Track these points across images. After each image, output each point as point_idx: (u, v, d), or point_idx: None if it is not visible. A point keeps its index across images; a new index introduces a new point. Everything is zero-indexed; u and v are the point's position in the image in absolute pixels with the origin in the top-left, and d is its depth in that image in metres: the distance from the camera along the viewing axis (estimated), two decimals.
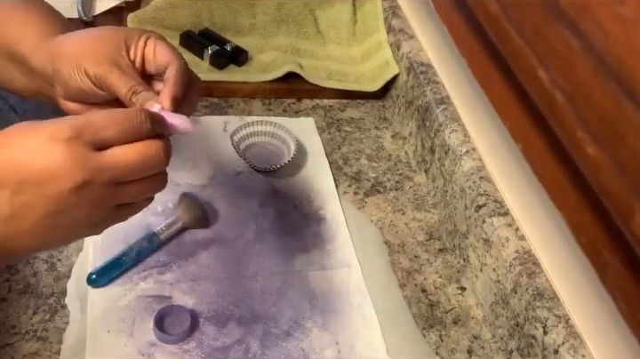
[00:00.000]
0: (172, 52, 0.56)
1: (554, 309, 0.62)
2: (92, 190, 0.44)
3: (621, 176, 0.47)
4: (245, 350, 0.64)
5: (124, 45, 0.56)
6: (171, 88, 0.54)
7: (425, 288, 0.74)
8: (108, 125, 0.45)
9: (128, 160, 0.45)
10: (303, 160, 0.86)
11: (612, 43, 0.48)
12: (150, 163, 0.47)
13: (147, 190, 0.48)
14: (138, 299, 0.66)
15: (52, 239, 0.46)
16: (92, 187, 0.44)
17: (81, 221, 0.46)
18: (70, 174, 0.43)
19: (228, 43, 0.96)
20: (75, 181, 0.43)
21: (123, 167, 0.45)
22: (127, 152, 0.45)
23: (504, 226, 0.69)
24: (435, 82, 0.87)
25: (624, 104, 0.47)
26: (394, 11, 1.01)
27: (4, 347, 0.60)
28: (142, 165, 0.46)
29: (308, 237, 0.76)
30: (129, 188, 0.47)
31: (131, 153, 0.46)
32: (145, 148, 0.46)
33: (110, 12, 0.98)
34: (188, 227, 0.73)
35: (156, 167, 0.47)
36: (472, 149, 0.78)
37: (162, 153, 0.47)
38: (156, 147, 0.47)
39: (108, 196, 0.45)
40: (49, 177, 0.43)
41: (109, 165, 0.45)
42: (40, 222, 0.44)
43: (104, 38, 0.57)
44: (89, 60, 0.56)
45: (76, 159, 0.43)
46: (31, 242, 0.45)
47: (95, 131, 0.45)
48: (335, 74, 0.97)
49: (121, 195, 0.47)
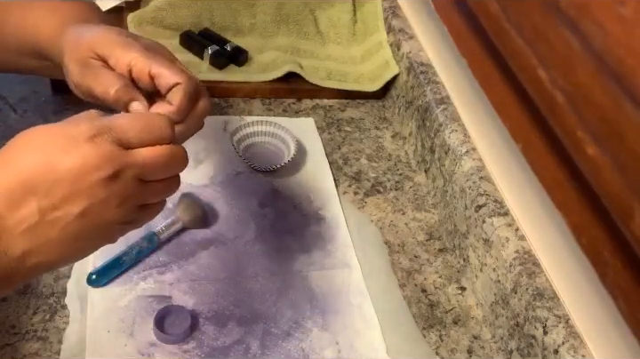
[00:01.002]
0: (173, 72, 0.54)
1: (554, 309, 0.62)
2: (121, 184, 0.45)
3: (621, 176, 0.47)
4: (245, 350, 0.64)
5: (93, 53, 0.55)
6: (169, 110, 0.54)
7: (425, 288, 0.74)
8: (132, 127, 0.46)
9: (157, 159, 0.47)
10: (303, 160, 0.86)
11: (612, 43, 0.48)
12: (175, 163, 0.48)
13: (166, 191, 0.49)
14: (138, 299, 0.66)
15: (76, 247, 0.46)
16: (120, 181, 0.45)
17: (107, 221, 0.46)
18: (100, 167, 0.43)
19: (228, 43, 0.96)
20: (106, 173, 0.44)
21: (151, 165, 0.46)
22: (156, 151, 0.47)
23: (504, 226, 0.69)
24: (435, 82, 0.87)
25: (624, 104, 0.47)
26: (394, 11, 1.01)
27: (4, 347, 0.60)
28: (168, 165, 0.48)
29: (308, 237, 0.76)
30: (153, 187, 0.48)
31: (160, 152, 0.47)
32: (172, 150, 0.48)
33: (110, 12, 0.97)
34: (187, 227, 0.73)
35: (180, 168, 0.49)
36: (472, 149, 0.78)
37: (182, 157, 0.49)
38: (180, 149, 0.49)
39: (134, 193, 0.46)
40: (79, 173, 0.43)
41: (138, 162, 0.46)
42: (68, 226, 0.44)
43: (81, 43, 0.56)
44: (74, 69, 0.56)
45: (104, 153, 0.44)
46: (54, 252, 0.45)
47: (118, 132, 0.45)
48: (335, 74, 0.97)
49: (145, 194, 0.47)
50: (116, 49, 0.55)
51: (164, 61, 0.55)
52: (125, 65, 0.54)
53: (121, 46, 0.55)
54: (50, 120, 0.81)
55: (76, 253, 0.47)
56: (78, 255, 0.48)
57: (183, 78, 0.54)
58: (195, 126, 0.57)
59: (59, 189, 0.43)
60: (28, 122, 0.81)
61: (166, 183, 0.49)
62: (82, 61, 0.56)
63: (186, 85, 0.54)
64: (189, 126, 0.56)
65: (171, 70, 0.54)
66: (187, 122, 0.55)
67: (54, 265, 0.47)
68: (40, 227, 0.43)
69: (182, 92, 0.54)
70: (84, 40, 0.56)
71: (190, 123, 0.56)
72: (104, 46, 0.55)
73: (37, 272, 0.46)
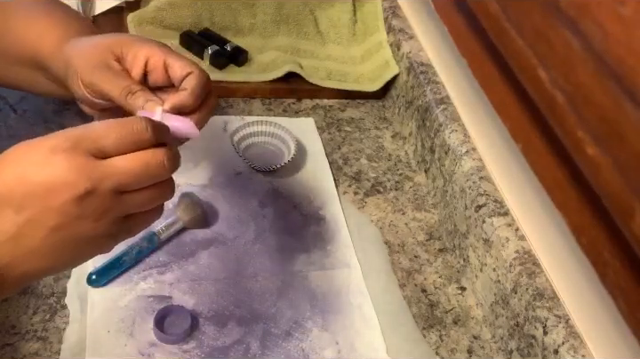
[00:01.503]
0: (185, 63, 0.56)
1: (554, 309, 0.62)
2: (96, 199, 0.43)
3: (621, 176, 0.47)
4: (245, 350, 0.64)
5: (111, 54, 0.56)
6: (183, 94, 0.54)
7: (425, 288, 0.74)
8: (108, 134, 0.44)
9: (131, 168, 0.45)
10: (303, 160, 0.86)
11: (612, 43, 0.48)
12: (153, 171, 0.46)
13: (152, 199, 0.47)
14: (138, 299, 0.66)
15: (61, 257, 0.45)
16: (94, 196, 0.43)
17: (88, 235, 0.45)
18: (72, 184, 0.42)
19: (228, 43, 0.96)
20: (77, 191, 0.42)
21: (125, 175, 0.44)
22: (129, 160, 0.45)
23: (504, 226, 0.69)
24: (435, 82, 0.87)
25: (624, 104, 0.47)
26: (394, 11, 1.01)
27: (4, 347, 0.60)
28: (145, 173, 0.45)
29: (308, 237, 0.76)
30: (133, 198, 0.46)
31: (133, 161, 0.45)
32: (147, 156, 0.45)
33: (110, 12, 0.97)
34: (188, 227, 0.73)
35: (160, 175, 0.46)
36: (472, 149, 0.78)
37: (165, 160, 0.46)
38: (159, 154, 0.46)
39: (112, 206, 0.44)
40: (51, 189, 0.42)
41: (112, 173, 0.44)
42: (46, 238, 0.43)
43: (97, 46, 0.57)
44: (83, 70, 0.56)
45: (76, 168, 0.42)
46: (40, 262, 0.44)
47: (94, 140, 0.44)
48: (335, 74, 0.97)
49: (126, 206, 0.46)
50: (133, 45, 0.56)
51: (177, 54, 0.57)
52: (143, 57, 0.56)
53: (138, 42, 0.57)
54: (50, 120, 0.82)
55: (63, 263, 0.46)
56: (68, 264, 0.47)
57: (195, 68, 0.56)
58: (204, 119, 0.56)
59: (31, 202, 0.42)
60: (27, 122, 0.81)
61: (152, 191, 0.47)
62: (97, 64, 0.56)
63: (199, 73, 0.55)
64: (203, 116, 0.55)
65: (183, 61, 0.56)
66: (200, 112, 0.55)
67: (45, 273, 0.46)
68: (20, 238, 0.43)
69: (196, 79, 0.55)
70: (101, 43, 0.57)
71: (204, 113, 0.55)
72: (122, 44, 0.56)
73: (27, 280, 0.46)
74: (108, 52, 0.56)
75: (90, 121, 0.48)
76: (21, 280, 0.45)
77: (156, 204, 0.48)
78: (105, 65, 0.56)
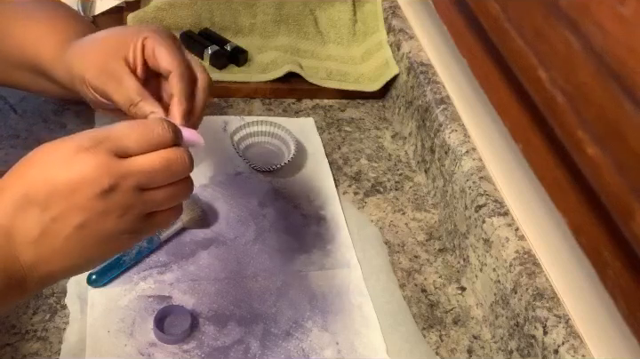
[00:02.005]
0: (171, 58, 0.56)
1: (554, 309, 0.62)
2: (119, 196, 0.44)
3: (621, 176, 0.47)
4: (245, 350, 0.64)
5: (121, 53, 0.57)
6: (177, 103, 0.55)
7: (425, 288, 0.74)
8: (130, 134, 0.45)
9: (154, 165, 0.46)
10: (303, 160, 0.86)
11: (612, 43, 0.48)
12: (175, 168, 0.47)
13: (173, 197, 0.48)
14: (138, 299, 0.66)
15: (84, 256, 0.46)
16: (118, 193, 0.44)
17: (111, 232, 0.45)
18: (95, 181, 0.43)
19: (228, 43, 0.96)
20: (101, 187, 0.43)
21: (148, 172, 0.45)
22: (153, 158, 0.46)
23: (504, 226, 0.69)
24: (435, 82, 0.87)
25: (624, 104, 0.47)
26: (394, 11, 1.01)
27: (4, 347, 0.60)
28: (168, 170, 0.46)
29: (308, 237, 0.76)
30: (155, 195, 0.47)
31: (156, 159, 0.46)
32: (170, 154, 0.46)
33: (110, 12, 0.97)
34: (187, 227, 0.73)
35: (182, 172, 0.47)
36: (472, 149, 0.78)
37: (187, 158, 0.47)
38: (180, 152, 0.47)
39: (135, 203, 0.45)
40: (75, 187, 0.43)
41: (135, 171, 0.45)
42: (71, 237, 0.44)
43: (104, 47, 0.58)
44: (90, 74, 0.57)
45: (100, 165, 0.43)
46: (64, 261, 0.45)
47: (116, 140, 0.45)
48: (335, 74, 0.97)
49: (148, 203, 0.46)
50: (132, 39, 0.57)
51: (165, 42, 0.56)
52: (140, 46, 0.56)
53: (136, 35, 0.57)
54: (50, 120, 0.82)
55: (87, 262, 0.47)
56: (90, 263, 0.48)
57: (177, 66, 0.56)
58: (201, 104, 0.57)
59: (56, 202, 0.43)
60: (28, 122, 0.81)
61: (173, 188, 0.48)
62: (100, 65, 0.57)
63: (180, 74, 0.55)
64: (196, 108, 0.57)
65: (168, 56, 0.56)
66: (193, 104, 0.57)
67: (67, 272, 0.47)
68: (44, 238, 0.44)
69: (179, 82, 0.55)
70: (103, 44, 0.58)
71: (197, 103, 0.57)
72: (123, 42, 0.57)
73: (51, 280, 0.47)
74: (111, 54, 0.57)
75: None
76: (44, 280, 0.46)
77: (176, 202, 0.49)
78: (109, 70, 0.56)
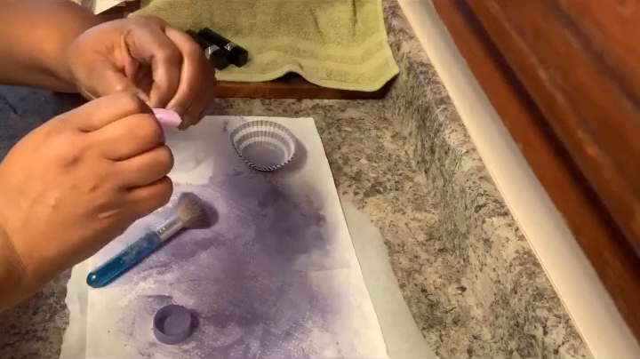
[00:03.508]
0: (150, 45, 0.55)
1: (554, 309, 0.62)
2: (84, 167, 0.44)
3: (621, 176, 0.47)
4: (245, 350, 0.64)
5: (104, 52, 0.57)
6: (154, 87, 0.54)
7: (425, 288, 0.74)
8: (96, 110, 0.46)
9: (115, 131, 0.45)
10: (303, 160, 0.86)
11: (612, 43, 0.48)
12: (139, 132, 0.45)
13: (149, 167, 0.46)
14: (138, 299, 0.66)
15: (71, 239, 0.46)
16: (83, 164, 0.44)
17: (88, 208, 0.45)
18: (60, 156, 0.44)
19: (228, 43, 0.96)
20: (66, 159, 0.44)
21: (110, 140, 0.45)
22: (113, 125, 0.45)
23: (504, 226, 0.69)
24: (435, 82, 0.87)
25: (624, 104, 0.47)
26: (394, 11, 1.01)
27: (4, 347, 0.60)
28: (132, 136, 0.45)
29: (308, 237, 0.76)
30: (127, 164, 0.46)
31: (117, 125, 0.45)
32: (132, 120, 0.45)
33: (110, 12, 0.97)
34: (187, 227, 0.73)
35: (147, 136, 0.46)
36: (472, 149, 0.78)
37: (151, 123, 0.46)
38: (143, 118, 0.46)
39: (105, 174, 0.45)
40: (46, 167, 0.44)
41: (97, 140, 0.45)
42: (52, 217, 0.44)
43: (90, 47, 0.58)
44: (82, 75, 0.58)
45: (65, 141, 0.44)
46: (53, 245, 0.45)
47: (83, 117, 0.45)
48: (335, 74, 0.97)
49: (121, 173, 0.45)
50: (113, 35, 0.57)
51: (144, 32, 0.55)
52: (124, 44, 0.56)
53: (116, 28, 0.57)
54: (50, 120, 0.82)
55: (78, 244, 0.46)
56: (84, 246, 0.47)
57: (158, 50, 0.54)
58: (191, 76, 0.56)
59: (32, 185, 0.44)
60: (27, 122, 0.81)
61: (146, 157, 0.46)
62: (88, 65, 0.57)
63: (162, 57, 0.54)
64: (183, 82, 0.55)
65: (149, 40, 0.55)
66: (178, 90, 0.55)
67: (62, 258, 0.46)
68: (29, 223, 0.44)
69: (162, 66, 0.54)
70: (88, 44, 0.58)
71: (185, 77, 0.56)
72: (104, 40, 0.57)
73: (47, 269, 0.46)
74: (94, 54, 0.57)
75: None
76: (42, 269, 0.46)
77: (155, 172, 0.47)
78: (95, 69, 0.56)
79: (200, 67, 0.57)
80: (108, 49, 0.57)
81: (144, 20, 0.57)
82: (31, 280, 0.46)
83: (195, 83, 0.56)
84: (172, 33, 0.57)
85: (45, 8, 0.67)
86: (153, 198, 0.48)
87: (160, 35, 0.56)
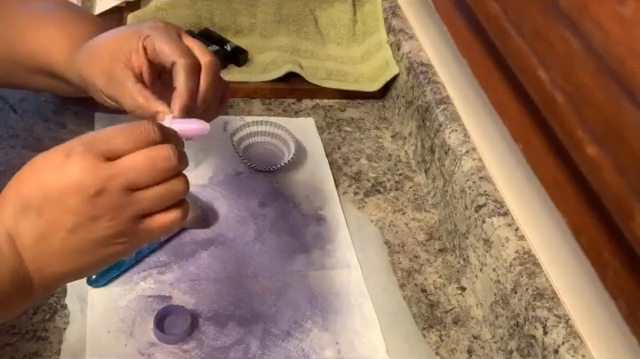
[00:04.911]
0: (171, 51, 0.56)
1: (554, 309, 0.62)
2: (107, 199, 0.44)
3: (621, 176, 0.47)
4: (245, 350, 0.64)
5: (123, 58, 0.57)
6: (177, 96, 0.55)
7: (425, 288, 0.74)
8: (117, 137, 0.46)
9: (137, 163, 0.45)
10: (303, 160, 0.86)
11: (612, 43, 0.48)
12: (160, 164, 0.46)
13: (164, 195, 0.47)
14: (138, 299, 0.66)
15: (82, 259, 0.46)
16: (105, 196, 0.44)
17: (104, 235, 0.45)
18: (84, 185, 0.44)
19: (228, 43, 0.96)
20: (88, 192, 0.44)
21: (133, 171, 0.45)
22: (136, 156, 0.46)
23: (504, 226, 0.69)
24: (435, 82, 0.87)
25: (624, 104, 0.47)
26: (394, 11, 1.01)
27: (4, 347, 0.60)
28: (152, 168, 0.46)
29: (308, 237, 0.76)
30: (145, 194, 0.46)
31: (139, 156, 0.46)
32: (153, 151, 0.46)
33: (110, 12, 0.97)
34: (187, 227, 0.73)
35: (167, 168, 0.46)
36: (472, 149, 0.78)
37: (171, 154, 0.46)
38: (164, 149, 0.46)
39: (124, 204, 0.45)
40: (65, 191, 0.44)
41: (120, 171, 0.45)
42: (65, 240, 0.44)
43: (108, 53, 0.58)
44: (101, 83, 0.58)
45: (88, 169, 0.44)
46: (62, 264, 0.46)
47: (105, 143, 0.45)
48: (335, 74, 0.97)
49: (138, 203, 0.46)
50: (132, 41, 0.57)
51: (164, 38, 0.56)
52: (142, 48, 0.57)
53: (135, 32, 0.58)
54: (50, 120, 0.82)
55: (88, 265, 0.47)
56: (93, 266, 0.48)
57: (180, 56, 0.55)
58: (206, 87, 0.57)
59: (49, 206, 0.44)
60: (27, 122, 0.81)
61: (163, 186, 0.47)
62: (106, 73, 0.57)
63: (184, 63, 0.55)
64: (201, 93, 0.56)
65: (170, 46, 0.56)
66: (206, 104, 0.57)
67: (69, 276, 0.47)
68: (41, 241, 0.45)
69: (182, 72, 0.55)
70: (102, 50, 0.58)
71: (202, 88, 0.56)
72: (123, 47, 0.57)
73: (54, 283, 0.48)
74: (113, 61, 0.57)
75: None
76: (49, 283, 0.47)
77: (170, 200, 0.47)
78: (114, 77, 0.57)
79: (216, 80, 0.58)
80: (126, 55, 0.57)
81: (162, 25, 0.58)
82: (37, 292, 0.46)
83: (208, 95, 0.57)
84: (188, 40, 0.58)
85: (51, 10, 0.67)
86: (166, 225, 0.48)
87: (180, 43, 0.57)
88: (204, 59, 0.57)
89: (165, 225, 0.48)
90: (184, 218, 0.49)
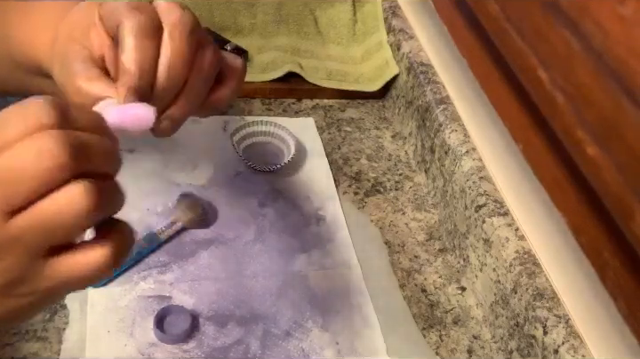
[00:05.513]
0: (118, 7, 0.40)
1: (554, 309, 0.62)
2: None
3: (621, 176, 0.47)
4: (245, 350, 0.64)
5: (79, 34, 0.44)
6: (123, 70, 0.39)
7: (425, 288, 0.74)
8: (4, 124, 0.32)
9: (9, 164, 0.31)
10: (303, 160, 0.86)
11: (612, 43, 0.48)
12: (45, 163, 0.31)
13: (52, 221, 0.31)
14: (138, 298, 0.66)
15: None
16: None
17: (7, 276, 0.33)
18: None
19: (228, 43, 0.96)
20: None
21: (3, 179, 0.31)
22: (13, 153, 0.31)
23: (504, 226, 0.69)
24: (435, 82, 0.87)
25: (624, 104, 0.47)
26: (394, 11, 1.01)
27: (4, 347, 0.60)
28: (32, 168, 0.31)
29: (308, 237, 0.76)
30: (24, 221, 0.32)
31: (14, 152, 0.31)
32: (34, 142, 0.31)
33: None
34: (187, 227, 0.73)
35: (51, 172, 0.31)
36: (472, 149, 0.78)
37: (59, 146, 0.31)
38: (49, 138, 0.31)
39: (2, 236, 0.32)
40: None
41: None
42: None
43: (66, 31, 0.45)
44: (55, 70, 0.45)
45: None
46: None
47: None
48: (335, 74, 0.97)
49: (20, 237, 0.32)
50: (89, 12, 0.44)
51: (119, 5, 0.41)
52: (99, 21, 0.43)
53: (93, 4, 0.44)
54: None
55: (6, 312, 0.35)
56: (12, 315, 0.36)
57: (123, 14, 0.40)
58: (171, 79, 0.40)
59: None
60: None
61: (50, 206, 0.31)
62: (60, 57, 0.44)
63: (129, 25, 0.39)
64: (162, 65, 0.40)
65: (122, 4, 0.40)
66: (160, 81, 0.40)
67: None
68: None
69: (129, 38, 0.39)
70: (61, 31, 0.45)
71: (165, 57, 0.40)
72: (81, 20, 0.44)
73: None
74: (68, 42, 0.44)
75: None
76: None
77: (64, 230, 0.32)
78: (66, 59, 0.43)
79: (189, 46, 0.41)
80: (82, 33, 0.43)
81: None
82: None
83: (178, 68, 0.40)
84: (160, 2, 0.42)
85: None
86: (87, 267, 0.33)
87: (136, 2, 0.41)
88: (169, 18, 0.41)
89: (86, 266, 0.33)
90: (117, 258, 0.34)
